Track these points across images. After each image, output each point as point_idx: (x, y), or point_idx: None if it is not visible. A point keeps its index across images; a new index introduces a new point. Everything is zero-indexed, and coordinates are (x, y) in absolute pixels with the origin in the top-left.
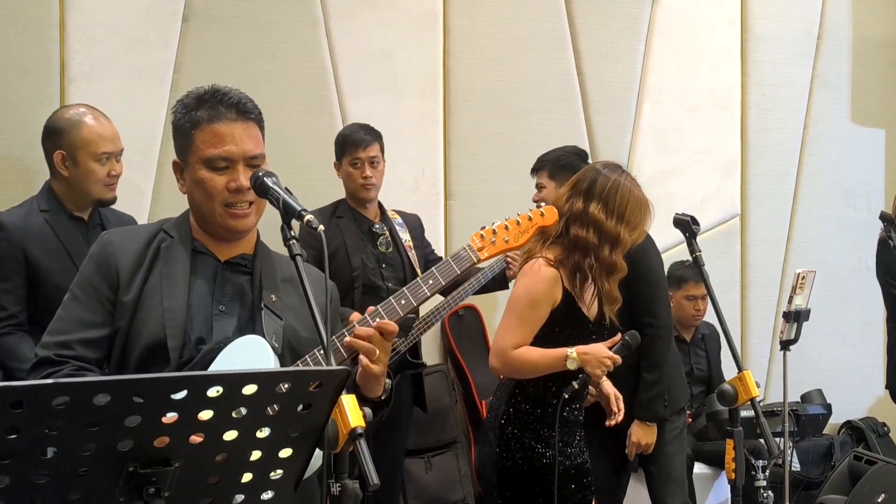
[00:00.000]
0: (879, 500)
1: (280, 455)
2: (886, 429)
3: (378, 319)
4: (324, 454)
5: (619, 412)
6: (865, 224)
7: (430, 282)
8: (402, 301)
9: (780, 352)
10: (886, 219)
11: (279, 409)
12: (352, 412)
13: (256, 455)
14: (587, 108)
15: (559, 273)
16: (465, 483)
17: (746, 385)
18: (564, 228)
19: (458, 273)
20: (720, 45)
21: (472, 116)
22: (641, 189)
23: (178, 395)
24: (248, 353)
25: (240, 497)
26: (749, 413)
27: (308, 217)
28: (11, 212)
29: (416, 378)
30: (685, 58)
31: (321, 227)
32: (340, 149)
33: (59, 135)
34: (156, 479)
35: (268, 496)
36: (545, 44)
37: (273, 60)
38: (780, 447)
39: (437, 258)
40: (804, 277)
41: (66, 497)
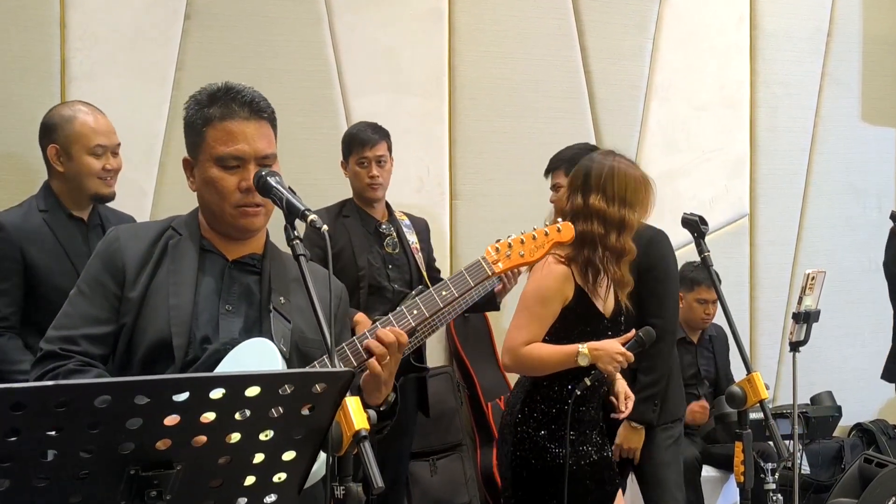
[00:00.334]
0: None
1: (283, 458)
2: None
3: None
4: (327, 457)
5: (626, 411)
6: (876, 224)
7: (444, 293)
8: (415, 311)
9: (790, 353)
10: None
11: (283, 412)
12: (356, 414)
13: (259, 458)
14: (594, 107)
15: (570, 269)
16: (471, 486)
17: (755, 387)
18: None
19: (472, 286)
20: (729, 43)
21: (478, 115)
22: (638, 167)
23: (181, 397)
24: (256, 357)
25: (243, 500)
26: (758, 415)
27: (312, 217)
28: (10, 212)
29: (420, 382)
30: (693, 56)
31: (325, 227)
32: (347, 148)
33: (54, 130)
34: (157, 482)
35: (271, 499)
36: (551, 41)
37: (276, 58)
38: (790, 450)
39: (437, 270)
40: (814, 278)
41: (67, 500)
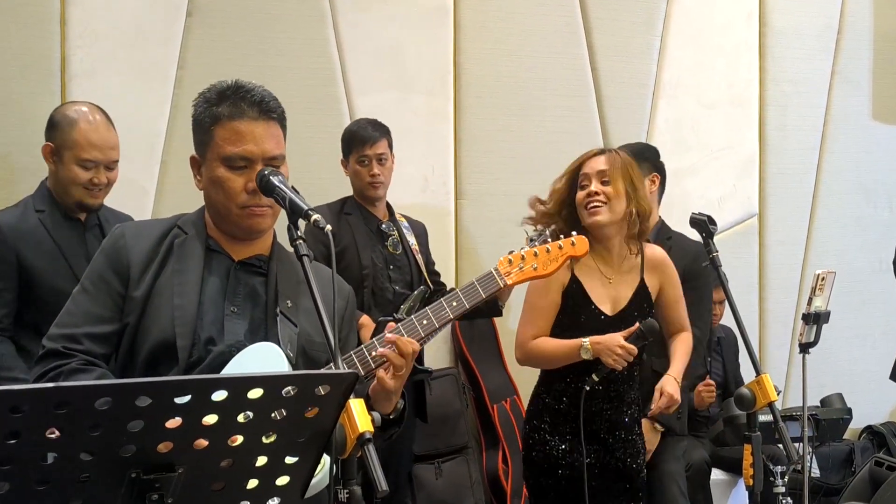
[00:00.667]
0: None
1: (286, 461)
2: None
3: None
4: (331, 459)
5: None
6: (886, 224)
7: (454, 304)
8: (424, 321)
9: (800, 355)
10: None
11: (286, 414)
12: (360, 416)
13: (262, 461)
14: (601, 105)
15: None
16: (476, 489)
17: (765, 389)
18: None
19: (483, 297)
20: (737, 41)
21: (484, 113)
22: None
23: (182, 399)
24: (262, 361)
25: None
26: (767, 417)
27: (315, 217)
28: (5, 212)
29: (418, 386)
30: (702, 53)
31: (328, 227)
32: (347, 146)
33: (54, 128)
34: (159, 486)
35: (274, 503)
36: (558, 39)
37: (279, 56)
38: (800, 452)
39: (436, 273)
40: (824, 278)
41: (67, 503)
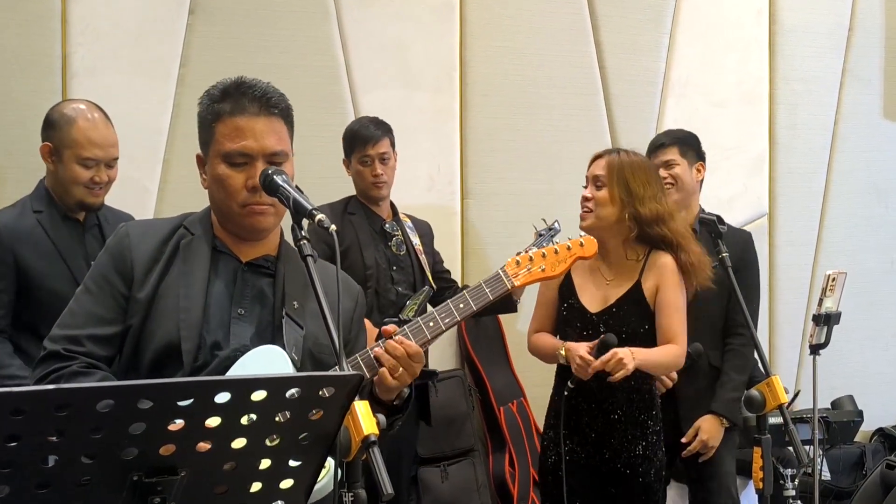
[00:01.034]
0: None
1: (290, 464)
2: None
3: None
4: (335, 462)
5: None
6: None
7: (461, 305)
8: (431, 323)
9: (810, 356)
10: None
11: (290, 416)
12: (365, 419)
13: (266, 464)
14: (609, 104)
15: None
16: (483, 492)
17: (774, 391)
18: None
19: (491, 299)
20: (747, 38)
21: (490, 112)
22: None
23: (185, 402)
24: (265, 365)
25: None
26: (777, 420)
27: (319, 217)
28: (3, 212)
29: (421, 389)
30: (711, 51)
31: (333, 227)
32: (349, 145)
33: (52, 127)
34: (161, 489)
35: None
36: (565, 36)
37: (283, 54)
38: (810, 455)
39: (446, 271)
40: (834, 279)
41: None
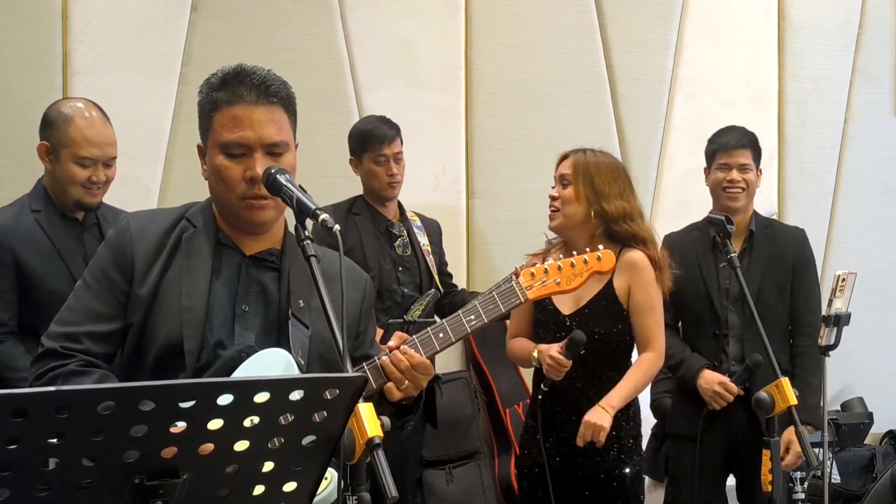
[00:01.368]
0: None
1: (294, 467)
2: None
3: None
4: (339, 465)
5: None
6: None
7: (472, 317)
8: (441, 335)
9: (819, 357)
10: None
11: (293, 419)
12: (369, 421)
13: (269, 466)
14: (616, 102)
15: (539, 255)
16: (488, 495)
17: (784, 393)
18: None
19: (503, 312)
20: (756, 36)
21: (496, 110)
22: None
23: (187, 404)
24: (271, 369)
25: None
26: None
27: (323, 216)
28: (1, 212)
29: (428, 391)
30: (719, 49)
31: (336, 227)
32: (360, 145)
33: (49, 126)
34: (163, 492)
35: None
36: (572, 34)
37: (286, 51)
38: (819, 458)
39: (449, 274)
40: (844, 279)
41: None
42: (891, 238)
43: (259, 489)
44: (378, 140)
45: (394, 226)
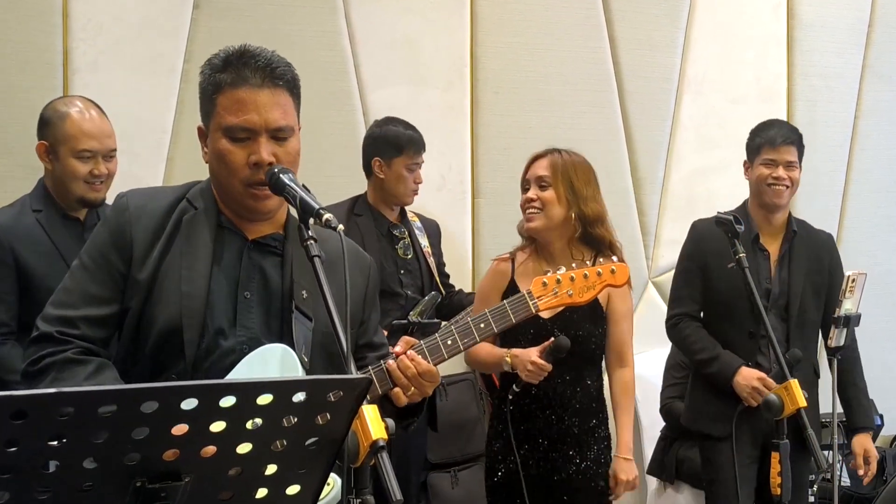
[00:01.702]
0: None
1: (297, 469)
2: None
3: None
4: (344, 467)
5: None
6: None
7: (482, 325)
8: (449, 341)
9: (829, 359)
10: None
11: (296, 421)
12: (373, 423)
13: (272, 469)
14: (623, 101)
15: (511, 263)
16: None
17: (793, 395)
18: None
19: (514, 322)
20: (765, 34)
21: (502, 109)
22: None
23: (189, 405)
24: (274, 367)
25: None
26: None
27: (327, 216)
28: (2, 212)
29: None
30: (728, 47)
31: (340, 227)
32: (396, 147)
33: (46, 125)
34: (165, 495)
35: None
36: (579, 31)
37: (289, 49)
38: (829, 460)
39: (447, 275)
40: (854, 280)
41: None
42: None
43: (262, 492)
44: (416, 147)
45: (395, 227)
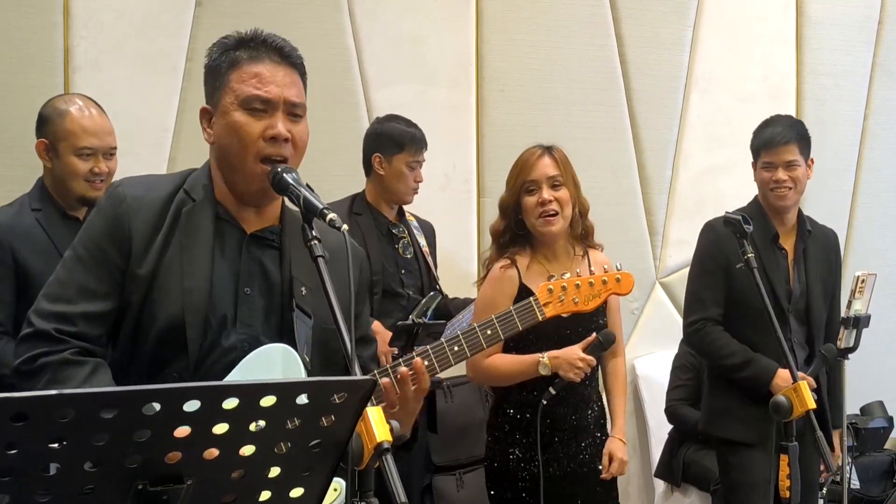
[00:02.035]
0: None
1: (301, 472)
2: None
3: (426, 363)
4: (348, 470)
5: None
6: None
7: (489, 332)
8: (456, 347)
9: (838, 360)
10: None
11: (300, 423)
12: (378, 425)
13: (275, 472)
14: (631, 99)
15: (516, 267)
16: None
17: (802, 396)
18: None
19: (520, 329)
20: (773, 31)
21: (507, 107)
22: (533, 148)
23: (192, 407)
24: (277, 367)
25: None
26: None
27: (331, 216)
28: (1, 211)
29: (428, 397)
30: (736, 45)
31: (345, 227)
32: (397, 144)
33: (45, 123)
34: (167, 498)
35: None
36: (585, 29)
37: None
38: (839, 463)
39: (437, 278)
40: (864, 280)
41: None
42: None
43: (265, 495)
44: (418, 144)
45: (395, 226)
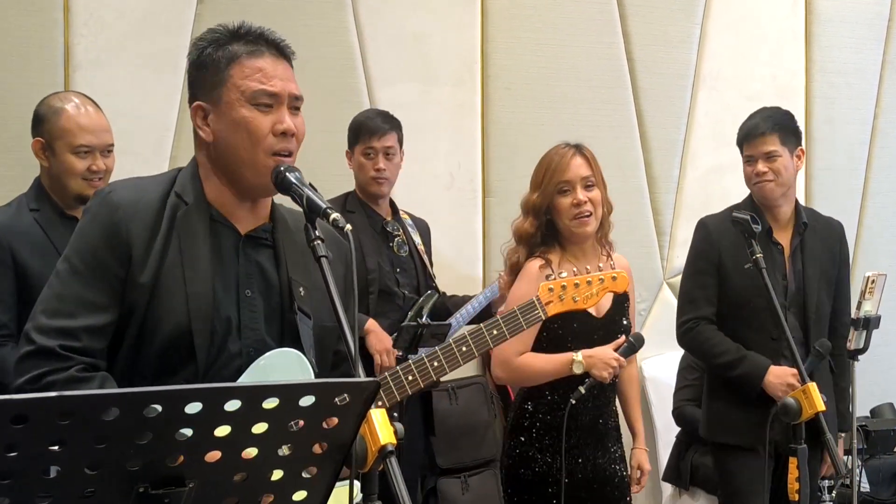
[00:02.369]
0: None
1: (303, 474)
2: None
3: (436, 363)
4: (351, 473)
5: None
6: None
7: (495, 332)
8: (464, 348)
9: (848, 362)
10: None
11: (303, 425)
12: (382, 428)
13: (278, 474)
14: (638, 97)
15: (551, 268)
16: None
17: (811, 398)
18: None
19: (525, 329)
20: (782, 29)
21: (513, 106)
22: (562, 148)
23: (194, 409)
24: (286, 372)
25: None
26: None
27: (334, 216)
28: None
29: (424, 398)
30: (744, 43)
31: (348, 227)
32: (354, 135)
33: (41, 122)
34: (168, 501)
35: None
36: (592, 27)
37: (295, 45)
38: (848, 465)
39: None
40: (874, 281)
41: None
42: None
43: (268, 498)
44: (368, 132)
45: (389, 224)
